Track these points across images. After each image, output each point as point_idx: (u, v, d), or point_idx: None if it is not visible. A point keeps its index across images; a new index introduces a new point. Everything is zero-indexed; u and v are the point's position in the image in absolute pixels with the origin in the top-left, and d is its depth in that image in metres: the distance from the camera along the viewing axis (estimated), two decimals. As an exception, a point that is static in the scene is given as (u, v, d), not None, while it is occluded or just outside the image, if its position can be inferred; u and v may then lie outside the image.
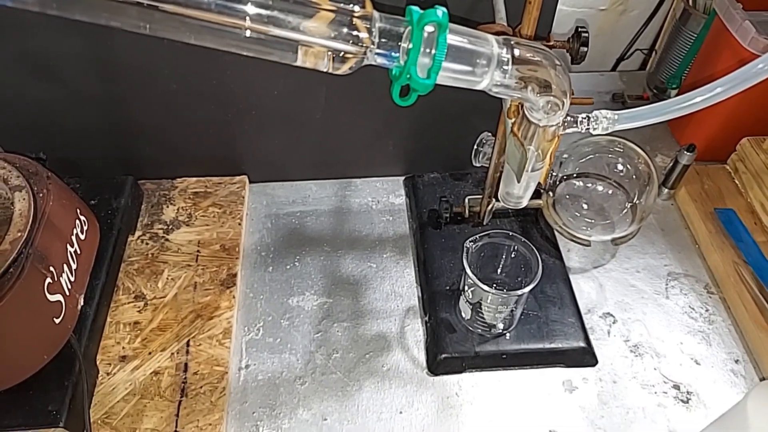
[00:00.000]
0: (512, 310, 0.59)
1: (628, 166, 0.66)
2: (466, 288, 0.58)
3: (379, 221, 0.74)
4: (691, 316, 0.66)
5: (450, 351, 0.60)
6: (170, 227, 0.70)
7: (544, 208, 0.69)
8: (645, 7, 0.92)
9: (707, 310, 0.66)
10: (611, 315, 0.66)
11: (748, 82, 0.35)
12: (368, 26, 0.33)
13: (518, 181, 0.44)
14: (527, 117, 0.41)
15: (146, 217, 0.71)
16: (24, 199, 0.51)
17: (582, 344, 0.61)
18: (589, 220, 0.68)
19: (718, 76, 0.36)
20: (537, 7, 0.49)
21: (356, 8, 0.33)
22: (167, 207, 0.72)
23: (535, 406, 0.58)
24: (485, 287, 0.54)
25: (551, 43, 0.52)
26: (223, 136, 0.72)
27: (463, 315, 0.61)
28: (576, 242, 0.68)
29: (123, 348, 0.59)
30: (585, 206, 0.68)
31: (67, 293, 0.54)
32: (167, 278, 0.65)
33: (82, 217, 0.57)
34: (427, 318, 0.64)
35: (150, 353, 0.59)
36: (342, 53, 0.33)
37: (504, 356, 0.60)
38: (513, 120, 0.44)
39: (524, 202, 0.50)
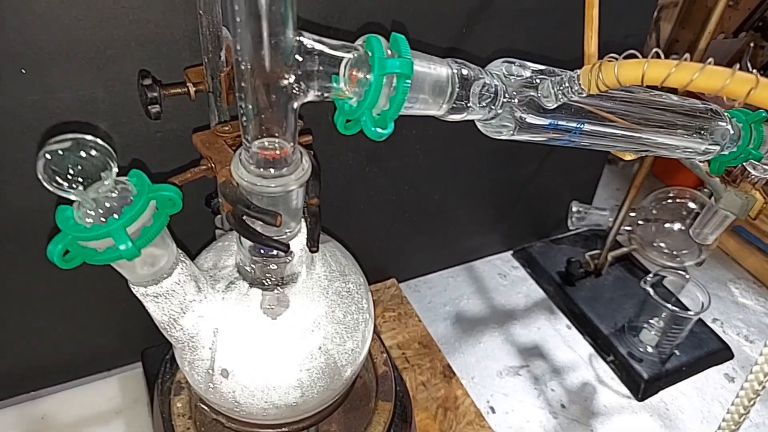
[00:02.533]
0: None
1: (688, 207, 0.90)
2: (652, 321, 0.74)
3: (515, 292, 0.87)
4: (761, 308, 0.90)
5: (647, 377, 0.74)
6: (364, 339, 0.74)
7: (639, 251, 0.89)
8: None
9: (760, 301, 0.91)
10: (717, 319, 0.87)
11: None
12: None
13: (740, 217, 0.63)
14: (750, 173, 0.60)
15: (334, 337, 0.74)
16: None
17: (722, 345, 0.80)
18: (670, 253, 0.89)
19: None
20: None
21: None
22: (347, 322, 0.76)
23: (723, 399, 0.75)
24: (683, 313, 0.71)
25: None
26: (375, 243, 0.79)
27: (648, 344, 0.76)
28: (674, 271, 0.89)
29: (404, 457, 0.63)
30: (663, 245, 0.90)
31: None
32: (395, 385, 0.69)
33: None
34: (611, 357, 0.78)
35: (430, 454, 0.63)
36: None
37: (684, 368, 0.76)
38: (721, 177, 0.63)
39: (711, 239, 0.68)
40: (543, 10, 0.67)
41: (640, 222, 0.90)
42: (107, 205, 0.31)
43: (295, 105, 0.32)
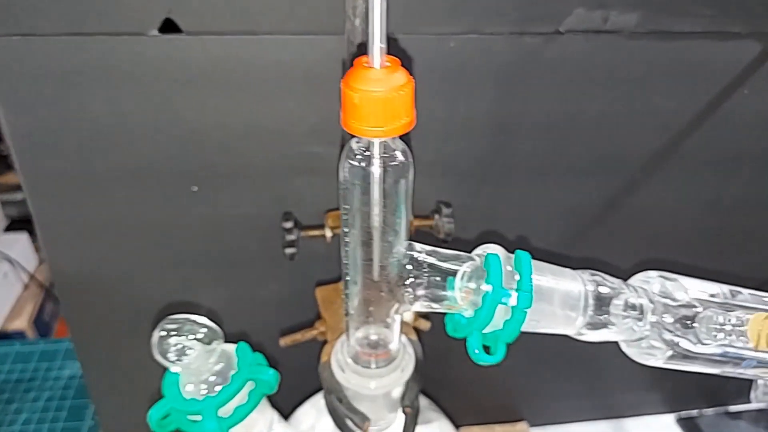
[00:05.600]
0: None
1: None
2: None
3: (671, 469, 0.75)
4: None
5: None
6: (479, 487, 0.69)
7: None
8: None
9: None
10: None
11: None
12: None
13: None
14: None
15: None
16: None
17: None
18: None
19: None
20: None
21: None
22: (466, 463, 0.72)
23: None
24: None
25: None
26: (506, 380, 0.75)
27: None
28: None
29: None
30: None
31: None
32: None
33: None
34: None
35: None
36: None
37: None
38: None
39: None
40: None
41: None
42: (209, 378, 0.32)
43: (401, 311, 0.31)
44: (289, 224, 0.45)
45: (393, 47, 0.48)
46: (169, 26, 0.45)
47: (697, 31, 0.51)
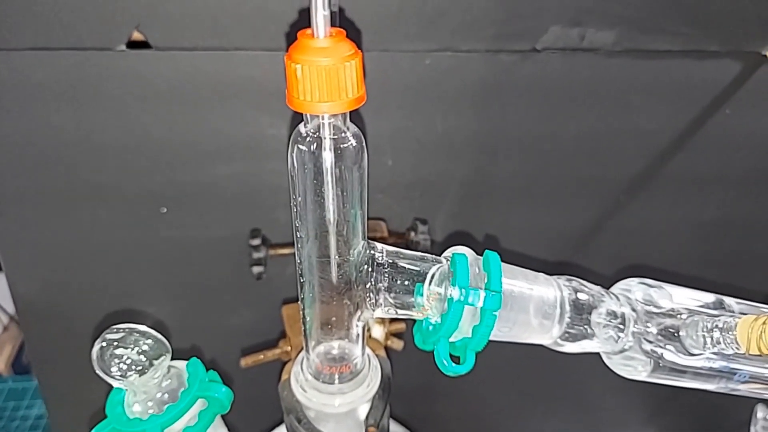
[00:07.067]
0: None
1: None
2: None
3: None
4: None
5: None
6: None
7: None
8: None
9: None
10: None
11: None
12: None
13: None
14: None
15: None
16: None
17: None
18: None
19: None
20: None
21: None
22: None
23: None
24: None
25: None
26: (498, 421, 0.71)
27: None
28: None
29: None
30: None
31: None
32: None
33: None
34: None
35: None
36: None
37: None
38: None
39: None
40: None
41: None
42: (159, 396, 0.30)
43: (363, 318, 0.28)
44: (256, 241, 0.43)
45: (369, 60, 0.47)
46: (137, 41, 0.44)
47: (676, 49, 0.51)
